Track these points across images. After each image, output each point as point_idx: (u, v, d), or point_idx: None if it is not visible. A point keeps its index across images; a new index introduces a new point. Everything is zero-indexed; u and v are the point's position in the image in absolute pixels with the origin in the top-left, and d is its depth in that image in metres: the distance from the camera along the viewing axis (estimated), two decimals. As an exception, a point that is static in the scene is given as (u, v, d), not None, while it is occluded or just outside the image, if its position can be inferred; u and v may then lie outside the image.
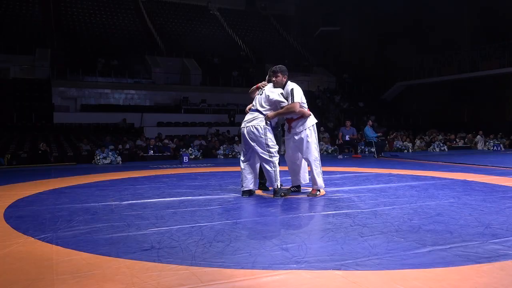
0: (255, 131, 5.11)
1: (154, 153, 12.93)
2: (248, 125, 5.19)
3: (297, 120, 5.21)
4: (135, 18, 27.46)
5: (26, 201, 5.15)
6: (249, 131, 5.14)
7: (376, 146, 12.91)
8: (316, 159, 5.21)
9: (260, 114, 5.17)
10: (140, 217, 4.07)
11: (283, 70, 5.23)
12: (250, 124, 5.17)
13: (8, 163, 11.21)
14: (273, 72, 5.24)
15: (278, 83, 5.23)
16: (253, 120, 5.19)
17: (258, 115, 5.19)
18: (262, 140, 5.09)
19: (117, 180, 7.43)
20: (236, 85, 23.06)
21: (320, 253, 2.80)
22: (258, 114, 5.20)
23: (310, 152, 5.17)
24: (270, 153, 5.08)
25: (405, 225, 3.59)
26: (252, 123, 5.16)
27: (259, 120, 5.15)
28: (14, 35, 21.20)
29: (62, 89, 19.89)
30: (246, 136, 5.18)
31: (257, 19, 31.92)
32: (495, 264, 2.57)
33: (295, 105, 5.06)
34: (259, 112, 5.19)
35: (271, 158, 5.07)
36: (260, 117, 5.15)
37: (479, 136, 16.81)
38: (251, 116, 5.23)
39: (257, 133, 5.10)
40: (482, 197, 4.98)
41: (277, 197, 5.05)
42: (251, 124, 5.16)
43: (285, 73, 5.25)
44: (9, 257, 2.85)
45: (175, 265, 2.60)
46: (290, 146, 5.33)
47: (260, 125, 5.11)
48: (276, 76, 5.21)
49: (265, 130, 5.09)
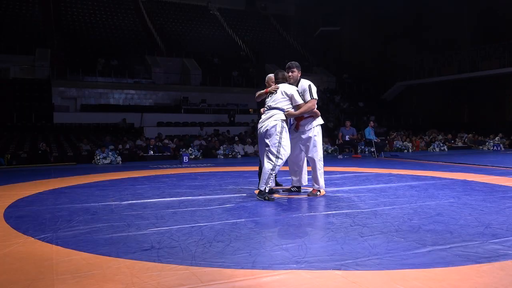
0: (272, 129, 4.91)
1: (154, 153, 12.93)
2: (265, 123, 5.01)
3: (307, 119, 5.16)
4: (135, 18, 27.45)
5: (26, 201, 5.15)
6: (267, 128, 4.94)
7: (376, 146, 12.91)
8: (321, 159, 5.21)
9: (278, 110, 4.99)
10: (140, 217, 4.07)
11: (298, 66, 5.21)
12: (268, 121, 4.98)
13: (8, 163, 11.20)
14: (288, 68, 5.19)
15: (293, 78, 5.17)
16: (270, 117, 4.99)
17: (276, 112, 5.00)
18: (276, 138, 4.89)
19: (117, 180, 7.43)
20: (236, 85, 23.06)
21: (320, 253, 2.80)
22: (276, 110, 5.01)
23: (316, 151, 5.15)
24: (278, 153, 4.87)
25: (405, 225, 3.59)
26: (270, 120, 4.96)
27: (278, 116, 4.96)
28: (14, 35, 21.19)
29: (62, 89, 19.88)
30: (263, 135, 5.02)
31: (257, 19, 31.91)
32: (495, 264, 2.58)
33: (314, 102, 5.04)
34: (276, 109, 5.01)
35: (276, 159, 4.87)
36: (279, 113, 4.97)
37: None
38: (268, 114, 5.04)
39: (274, 130, 4.91)
40: (482, 197, 4.98)
41: (260, 198, 4.91)
42: (269, 121, 4.96)
43: (300, 68, 5.22)
44: (9, 257, 2.85)
45: (175, 265, 2.60)
46: (295, 146, 5.20)
47: (278, 122, 4.92)
48: (291, 71, 5.16)
49: (282, 128, 4.91)
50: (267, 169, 4.89)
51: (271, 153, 4.90)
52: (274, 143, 4.89)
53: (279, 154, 4.87)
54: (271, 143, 4.90)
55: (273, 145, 4.88)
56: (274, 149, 4.88)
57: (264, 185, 4.90)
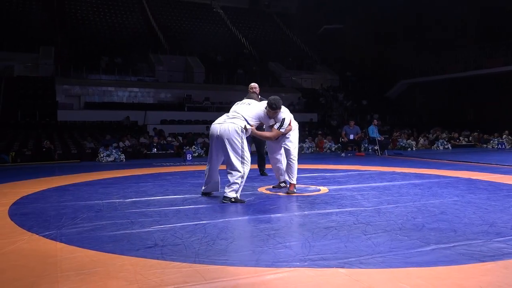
0: (232, 131, 4.57)
1: (158, 151, 12.96)
2: (224, 123, 4.67)
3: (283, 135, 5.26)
4: (138, 16, 27.46)
5: (30, 199, 5.17)
6: (225, 129, 4.60)
7: (379, 144, 12.88)
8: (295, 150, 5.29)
9: (240, 115, 4.75)
10: (144, 214, 4.08)
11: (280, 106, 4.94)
12: (229, 122, 4.66)
13: (12, 160, 11.25)
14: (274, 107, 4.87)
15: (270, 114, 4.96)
16: (232, 118, 4.72)
17: (236, 115, 4.75)
18: (238, 144, 4.59)
19: (120, 177, 7.45)
20: (239, 83, 23.04)
21: (323, 251, 2.80)
22: (236, 114, 4.76)
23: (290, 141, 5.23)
24: (243, 159, 4.58)
25: (408, 223, 3.58)
26: (231, 122, 4.65)
27: (239, 120, 4.69)
28: (18, 33, 21.24)
29: (66, 86, 19.92)
30: (219, 136, 4.64)
31: (260, 17, 31.86)
32: (499, 263, 2.57)
33: (278, 134, 5.07)
34: (238, 113, 4.77)
35: (243, 165, 4.59)
36: (240, 118, 4.72)
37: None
38: (226, 117, 4.79)
39: (235, 134, 4.58)
40: (486, 196, 4.96)
41: (225, 201, 4.56)
42: (230, 122, 4.66)
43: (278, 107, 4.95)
44: (14, 254, 2.87)
45: (179, 262, 2.61)
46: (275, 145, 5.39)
47: (239, 126, 4.62)
48: (275, 112, 4.91)
49: (243, 133, 4.62)
50: (235, 179, 4.56)
51: (236, 161, 4.58)
52: (236, 151, 4.59)
53: (244, 159, 4.61)
54: (233, 151, 4.58)
55: (236, 153, 4.59)
56: (239, 157, 4.59)
57: (236, 194, 4.59)
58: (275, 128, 5.05)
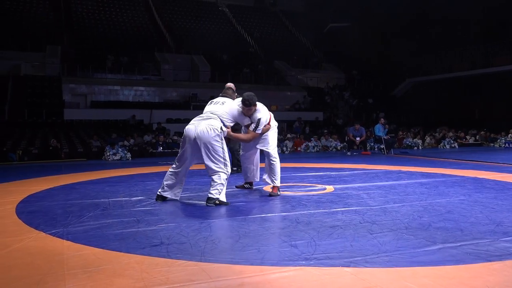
0: (212, 134, 4.39)
1: (163, 149, 13.01)
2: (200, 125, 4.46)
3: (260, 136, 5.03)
4: (144, 15, 27.53)
5: (37, 197, 5.20)
6: (203, 132, 4.40)
7: (385, 143, 12.83)
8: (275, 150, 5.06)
9: (215, 116, 4.56)
10: (150, 213, 4.09)
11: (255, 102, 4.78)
12: (206, 124, 4.45)
13: (19, 159, 11.33)
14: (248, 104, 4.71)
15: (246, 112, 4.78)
16: (208, 119, 4.51)
17: (211, 116, 4.55)
18: (219, 146, 4.42)
19: (127, 176, 7.48)
20: (245, 82, 23.03)
21: (329, 250, 2.80)
22: (211, 115, 4.56)
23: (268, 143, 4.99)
24: (225, 160, 4.45)
25: (414, 222, 3.56)
26: (208, 124, 4.45)
27: (216, 122, 4.49)
28: (25, 32, 21.37)
29: (72, 85, 20.02)
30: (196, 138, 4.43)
31: (266, 15, 31.81)
32: (506, 263, 2.55)
33: (255, 136, 4.85)
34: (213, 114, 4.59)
35: (225, 166, 4.45)
36: (216, 119, 4.53)
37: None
38: (200, 118, 4.60)
39: (216, 137, 4.41)
40: (493, 195, 4.93)
41: (209, 204, 4.38)
42: (207, 124, 4.45)
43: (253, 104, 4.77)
44: (21, 252, 2.89)
45: (184, 260, 2.62)
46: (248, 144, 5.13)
47: (217, 128, 4.44)
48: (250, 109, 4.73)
49: (222, 134, 4.47)
50: (218, 180, 4.40)
51: (216, 164, 4.42)
52: (216, 153, 4.42)
53: (225, 161, 4.47)
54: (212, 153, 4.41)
55: (217, 155, 4.42)
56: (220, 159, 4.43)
57: (218, 196, 4.41)
58: (251, 129, 4.82)
